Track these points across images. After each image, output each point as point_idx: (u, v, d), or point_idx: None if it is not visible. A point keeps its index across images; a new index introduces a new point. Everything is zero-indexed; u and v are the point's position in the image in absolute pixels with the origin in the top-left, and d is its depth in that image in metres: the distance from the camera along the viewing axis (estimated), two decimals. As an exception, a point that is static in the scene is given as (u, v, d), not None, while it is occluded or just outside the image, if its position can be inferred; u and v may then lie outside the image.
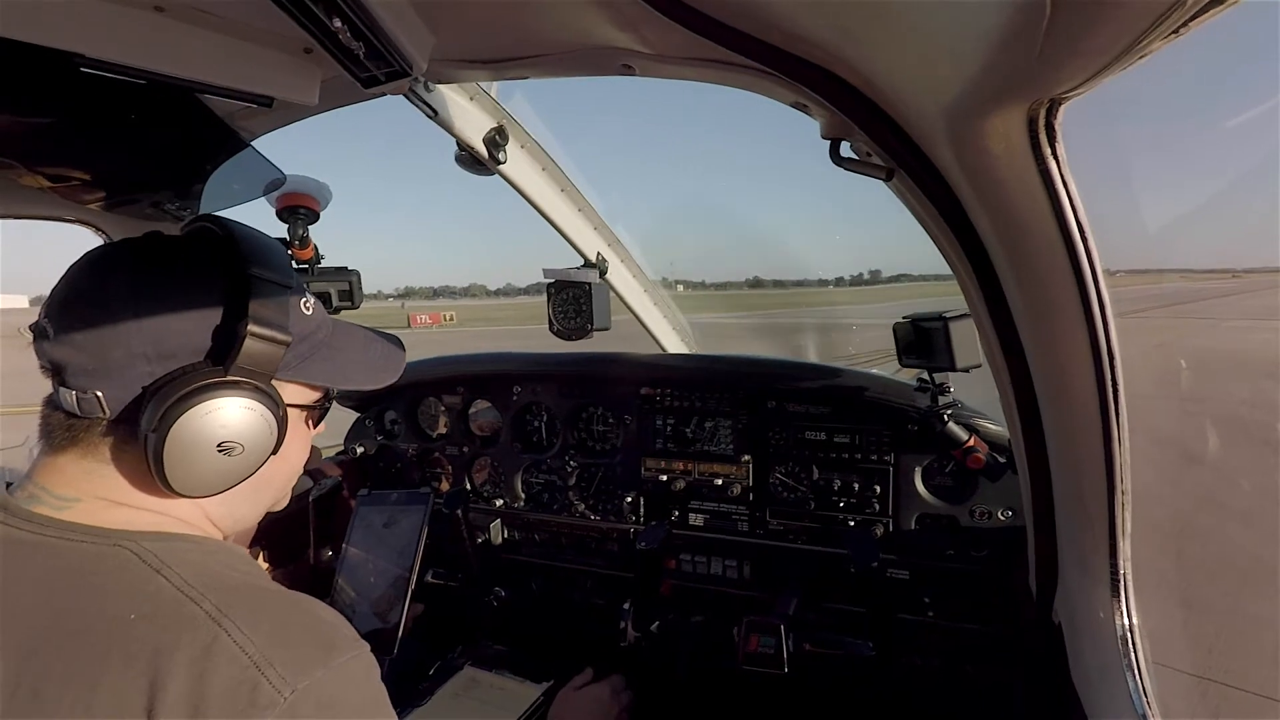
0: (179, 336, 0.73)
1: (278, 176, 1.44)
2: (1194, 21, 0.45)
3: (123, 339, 0.71)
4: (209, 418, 0.73)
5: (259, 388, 0.77)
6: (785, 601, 1.62)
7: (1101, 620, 1.01)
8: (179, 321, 0.73)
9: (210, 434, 0.73)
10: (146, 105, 1.07)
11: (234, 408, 0.75)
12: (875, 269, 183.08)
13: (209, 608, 0.65)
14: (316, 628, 0.70)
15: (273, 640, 0.65)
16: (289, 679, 0.63)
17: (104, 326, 0.71)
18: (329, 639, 0.69)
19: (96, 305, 0.71)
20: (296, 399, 0.86)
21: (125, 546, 0.69)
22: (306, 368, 0.85)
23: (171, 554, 0.70)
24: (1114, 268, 0.81)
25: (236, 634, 0.64)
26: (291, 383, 0.84)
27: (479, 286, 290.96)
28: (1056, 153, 0.67)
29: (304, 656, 0.65)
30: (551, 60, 0.99)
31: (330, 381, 0.90)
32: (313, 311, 0.86)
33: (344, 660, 0.68)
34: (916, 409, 1.64)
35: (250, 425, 0.77)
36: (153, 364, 0.72)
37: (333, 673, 0.66)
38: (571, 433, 2.07)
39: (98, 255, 0.77)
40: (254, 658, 0.63)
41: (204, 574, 0.69)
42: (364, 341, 0.96)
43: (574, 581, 2.07)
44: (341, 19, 0.74)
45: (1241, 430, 8.31)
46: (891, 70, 0.74)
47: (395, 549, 1.60)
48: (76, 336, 0.71)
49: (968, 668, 1.63)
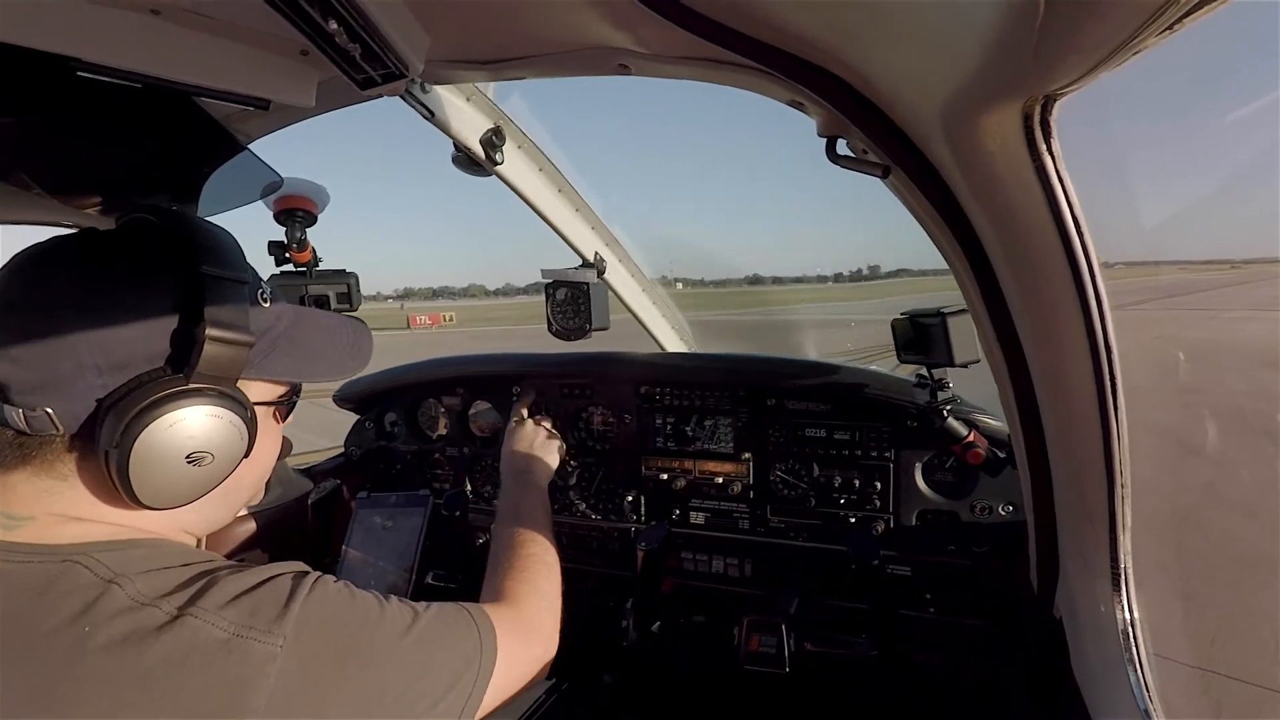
0: (131, 344, 0.69)
1: (275, 179, 1.44)
2: (1188, 18, 0.45)
3: (69, 350, 0.66)
4: (174, 429, 0.69)
5: (224, 392, 0.73)
6: (786, 599, 1.63)
7: (1102, 614, 1.01)
8: (130, 328, 0.68)
9: (177, 446, 0.70)
10: (143, 109, 1.06)
11: (200, 416, 0.71)
12: (874, 264, 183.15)
13: (169, 609, 0.64)
14: (276, 579, 0.72)
15: (242, 610, 0.66)
16: (276, 628, 0.66)
17: (47, 338, 0.65)
18: (288, 581, 0.71)
19: (37, 314, 0.66)
20: (262, 396, 0.82)
21: (76, 560, 0.66)
22: (270, 364, 0.81)
23: (125, 563, 0.67)
24: (1111, 261, 0.81)
25: (208, 616, 0.64)
26: (256, 380, 0.81)
27: (478, 287, 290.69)
28: (1052, 148, 0.67)
29: (278, 604, 0.68)
30: (547, 60, 0.99)
31: (296, 377, 0.87)
32: (271, 303, 0.82)
33: (309, 585, 0.71)
34: (916, 405, 1.64)
35: (219, 432, 0.73)
36: (105, 375, 0.68)
37: (306, 600, 0.70)
38: (571, 432, 2.07)
39: (32, 258, 0.71)
40: (234, 630, 0.64)
41: (158, 577, 0.67)
42: (328, 330, 0.91)
43: (575, 581, 2.07)
44: (337, 21, 0.74)
45: (1241, 421, 8.31)
46: (887, 68, 0.74)
47: (395, 551, 1.60)
48: (15, 350, 0.65)
49: (969, 663, 1.63)
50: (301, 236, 1.51)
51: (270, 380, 0.84)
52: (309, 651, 0.67)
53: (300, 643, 0.67)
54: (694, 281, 73.69)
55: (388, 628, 0.76)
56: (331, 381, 0.91)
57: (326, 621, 0.71)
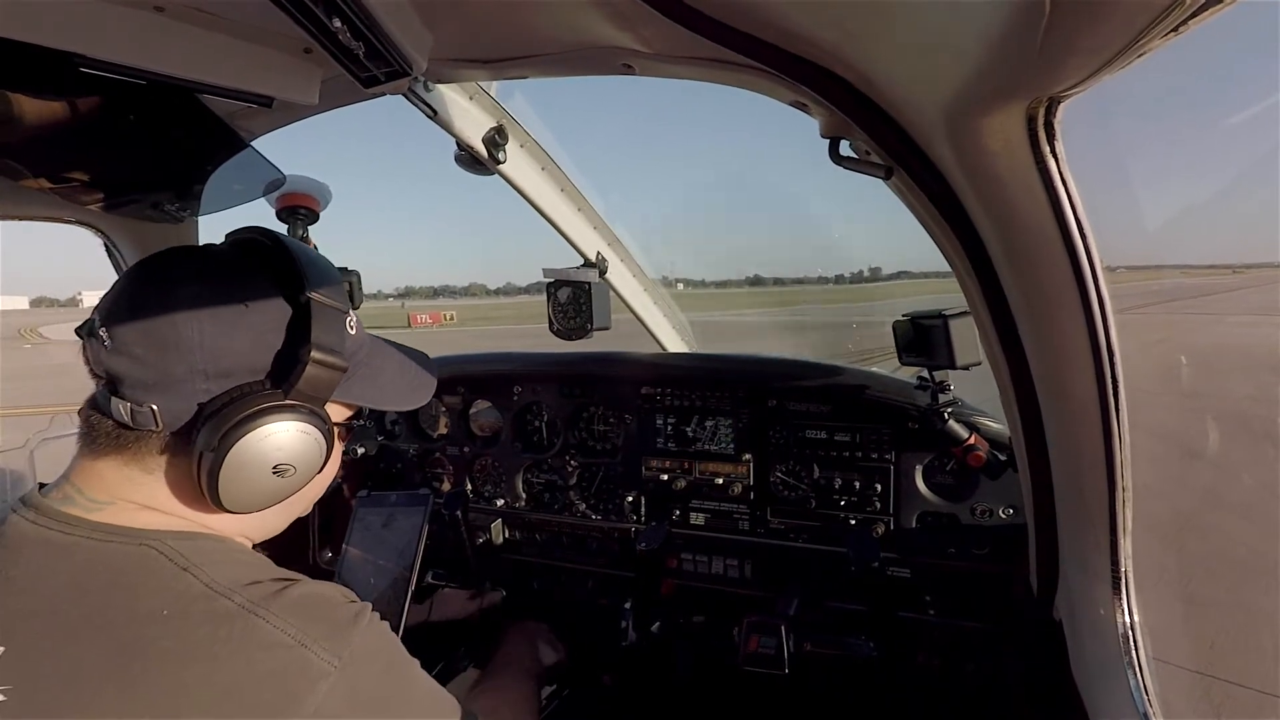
0: (239, 356, 0.74)
1: (278, 177, 1.44)
2: (1193, 20, 0.45)
3: (185, 356, 0.71)
4: (268, 441, 0.74)
5: (315, 411, 0.78)
6: (786, 601, 1.63)
7: (1102, 618, 1.01)
8: (241, 341, 0.74)
9: (267, 456, 0.75)
10: (146, 106, 1.07)
11: (292, 431, 0.76)
12: (875, 266, 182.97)
13: (240, 601, 0.68)
14: (338, 602, 0.76)
15: (307, 620, 0.70)
16: (334, 649, 0.69)
17: (168, 342, 0.71)
18: (351, 609, 0.76)
19: (161, 319, 0.71)
20: (337, 417, 0.87)
21: (151, 545, 0.70)
22: (350, 388, 0.85)
23: (197, 552, 0.72)
24: (1113, 264, 0.81)
25: (274, 620, 0.68)
26: (334, 402, 0.85)
27: (479, 286, 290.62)
28: (1056, 150, 0.67)
29: (339, 627, 0.72)
30: (551, 59, 0.99)
31: (372, 403, 0.92)
32: (356, 330, 0.87)
33: (368, 620, 0.76)
34: (917, 407, 1.64)
35: (305, 447, 0.78)
36: (210, 381, 0.72)
37: (364, 632, 0.74)
38: (572, 432, 2.07)
39: (158, 265, 0.77)
40: (297, 638, 0.68)
41: (229, 570, 0.72)
42: (399, 362, 0.98)
43: (575, 581, 2.07)
44: (341, 19, 0.74)
45: (1242, 425, 8.30)
46: (890, 69, 0.74)
47: (395, 550, 1.60)
48: (137, 349, 0.71)
49: (969, 666, 1.63)
50: (304, 234, 1.51)
51: (345, 403, 0.89)
52: (360, 678, 0.71)
53: (355, 668, 0.71)
54: (695, 282, 73.72)
55: (423, 687, 0.83)
56: (398, 409, 0.97)
57: (377, 659, 0.76)
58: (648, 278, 2.34)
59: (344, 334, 0.81)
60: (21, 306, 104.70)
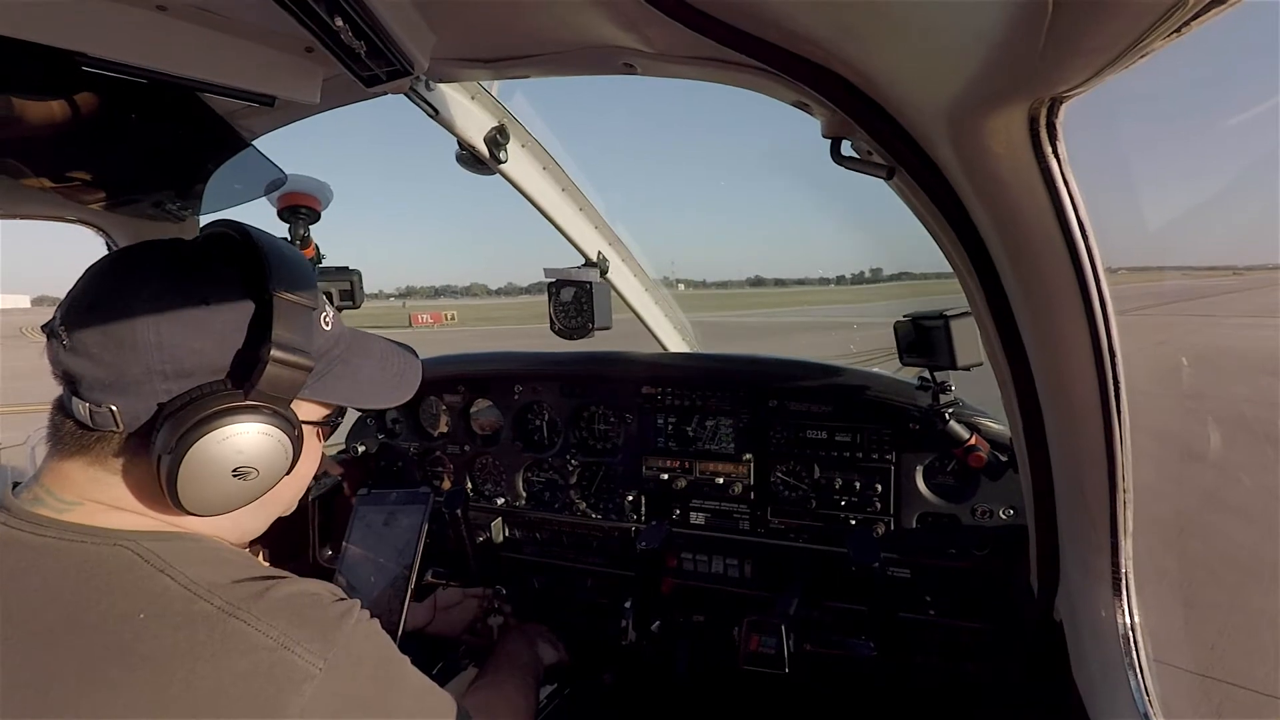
0: (199, 355, 0.72)
1: (279, 176, 1.45)
2: (1195, 21, 0.45)
3: (143, 356, 0.69)
4: (226, 443, 0.72)
5: (277, 411, 0.76)
6: (786, 601, 1.63)
7: (1103, 619, 1.01)
8: (201, 340, 0.71)
9: (227, 459, 0.72)
10: (148, 104, 1.07)
11: (252, 433, 0.73)
12: (876, 267, 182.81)
13: (220, 603, 0.66)
14: (325, 601, 0.74)
15: (291, 621, 0.68)
16: (319, 650, 0.67)
17: (125, 342, 0.69)
18: (338, 608, 0.74)
19: (118, 320, 0.69)
20: (310, 416, 0.84)
21: (126, 546, 0.69)
22: (323, 386, 0.83)
23: (174, 553, 0.70)
24: (1114, 265, 0.81)
25: (256, 622, 0.66)
26: (307, 401, 0.83)
27: (480, 285, 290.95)
28: (1057, 151, 0.67)
29: (324, 628, 0.70)
30: (553, 59, 0.99)
31: (347, 401, 0.89)
32: (332, 326, 0.84)
33: (356, 619, 0.74)
34: (918, 407, 1.64)
35: (267, 449, 0.75)
36: (170, 381, 0.70)
37: (351, 632, 0.72)
38: (573, 432, 2.07)
39: (120, 261, 0.75)
40: (279, 640, 0.66)
41: (209, 571, 0.70)
42: (380, 356, 0.94)
43: (575, 580, 2.07)
44: (343, 18, 0.74)
45: (1243, 427, 8.29)
46: (892, 69, 0.74)
47: (395, 548, 1.60)
48: (94, 349, 0.69)
49: (969, 667, 1.63)
50: (305, 233, 1.51)
51: (319, 402, 0.86)
52: (347, 680, 0.70)
53: (342, 669, 0.69)
54: (696, 283, 73.64)
55: (413, 684, 0.82)
56: (377, 408, 0.93)
57: (365, 659, 0.74)
58: (649, 277, 2.34)
59: (311, 331, 0.78)
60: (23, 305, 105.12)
